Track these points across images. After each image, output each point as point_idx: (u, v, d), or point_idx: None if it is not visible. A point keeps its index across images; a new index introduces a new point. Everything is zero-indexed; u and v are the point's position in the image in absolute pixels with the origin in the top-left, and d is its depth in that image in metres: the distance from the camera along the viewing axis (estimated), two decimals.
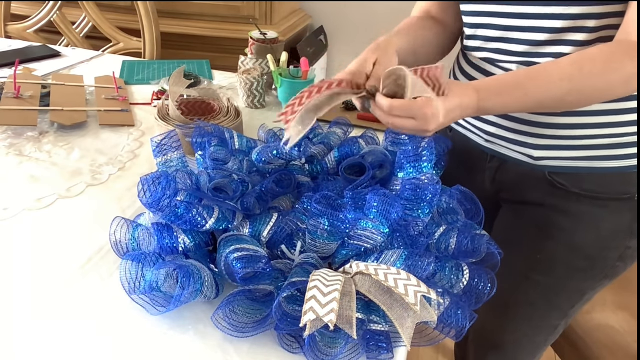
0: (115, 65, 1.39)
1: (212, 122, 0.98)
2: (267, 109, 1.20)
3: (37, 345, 0.57)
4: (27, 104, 1.06)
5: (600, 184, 0.75)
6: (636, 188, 0.74)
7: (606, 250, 0.79)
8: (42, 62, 1.37)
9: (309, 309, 0.52)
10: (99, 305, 0.63)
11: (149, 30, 1.71)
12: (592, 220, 0.77)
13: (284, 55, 1.18)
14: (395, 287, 0.55)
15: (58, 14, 1.74)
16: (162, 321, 0.61)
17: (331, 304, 0.52)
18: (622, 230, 0.77)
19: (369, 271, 0.57)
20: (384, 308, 0.55)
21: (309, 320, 0.51)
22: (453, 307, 0.59)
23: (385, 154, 0.81)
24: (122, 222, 0.70)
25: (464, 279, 0.63)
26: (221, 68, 1.42)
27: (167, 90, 1.11)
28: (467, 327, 0.58)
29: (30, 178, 0.87)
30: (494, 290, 0.64)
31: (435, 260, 0.63)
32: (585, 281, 0.83)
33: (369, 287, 0.57)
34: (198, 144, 0.80)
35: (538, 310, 0.87)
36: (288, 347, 0.57)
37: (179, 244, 0.64)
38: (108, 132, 1.04)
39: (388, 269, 0.58)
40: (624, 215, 0.76)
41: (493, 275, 0.65)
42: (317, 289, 0.54)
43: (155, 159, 0.77)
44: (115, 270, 0.68)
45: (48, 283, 0.66)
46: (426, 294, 0.54)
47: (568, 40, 0.67)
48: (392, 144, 0.84)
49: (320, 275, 0.57)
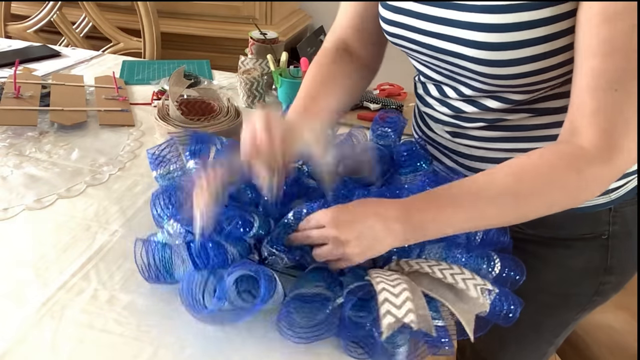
0: (115, 65, 1.39)
1: (212, 122, 0.98)
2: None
3: (37, 345, 0.57)
4: (27, 104, 1.06)
5: (557, 227, 0.72)
6: (600, 228, 0.72)
7: (578, 287, 0.77)
8: (42, 62, 1.37)
9: (386, 312, 0.51)
10: (99, 305, 0.63)
11: (149, 30, 1.71)
12: (557, 260, 0.75)
13: (284, 55, 1.18)
14: (455, 283, 0.55)
15: (58, 14, 1.74)
16: (162, 321, 0.61)
17: (406, 304, 0.52)
18: (593, 267, 0.75)
19: (425, 269, 0.58)
20: (447, 304, 0.55)
21: (389, 323, 0.51)
22: (502, 295, 0.59)
23: (380, 149, 0.81)
24: (148, 244, 0.64)
25: (496, 267, 0.63)
26: (221, 68, 1.42)
27: (167, 90, 1.11)
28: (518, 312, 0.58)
29: (30, 178, 0.87)
30: (523, 277, 0.64)
31: (467, 251, 0.63)
32: (562, 315, 0.81)
33: (428, 285, 0.57)
34: (193, 152, 0.76)
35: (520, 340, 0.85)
36: (353, 353, 0.57)
37: (227, 258, 0.61)
38: (108, 132, 1.04)
39: (438, 264, 0.58)
40: (592, 254, 0.74)
41: (521, 263, 0.65)
42: (386, 291, 0.53)
43: (152, 172, 0.75)
44: (115, 271, 0.68)
45: (48, 283, 0.65)
46: (483, 285, 0.55)
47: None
48: (380, 137, 0.84)
49: (380, 277, 0.56)
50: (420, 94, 0.78)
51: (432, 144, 0.79)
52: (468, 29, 0.59)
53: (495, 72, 0.60)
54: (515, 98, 0.64)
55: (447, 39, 0.62)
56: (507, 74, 0.59)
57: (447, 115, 0.72)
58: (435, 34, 0.63)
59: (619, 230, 0.72)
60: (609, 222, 0.72)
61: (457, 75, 0.66)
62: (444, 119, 0.73)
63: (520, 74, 0.59)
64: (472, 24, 0.59)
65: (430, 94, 0.74)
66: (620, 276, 0.77)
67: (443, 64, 0.66)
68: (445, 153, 0.77)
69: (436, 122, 0.75)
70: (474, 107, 0.68)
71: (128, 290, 0.65)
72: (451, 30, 0.61)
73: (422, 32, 0.65)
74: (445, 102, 0.71)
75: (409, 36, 0.67)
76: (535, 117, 0.65)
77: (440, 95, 0.72)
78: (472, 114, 0.68)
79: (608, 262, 0.74)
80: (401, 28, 0.68)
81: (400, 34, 0.69)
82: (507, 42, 0.57)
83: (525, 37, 0.56)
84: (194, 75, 1.25)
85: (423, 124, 0.80)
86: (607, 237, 0.73)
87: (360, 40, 0.79)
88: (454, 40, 0.61)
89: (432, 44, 0.65)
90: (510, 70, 0.59)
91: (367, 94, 1.21)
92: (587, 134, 0.55)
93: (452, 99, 0.70)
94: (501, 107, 0.65)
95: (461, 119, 0.70)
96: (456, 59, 0.63)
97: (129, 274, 0.67)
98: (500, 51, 0.58)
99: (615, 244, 0.73)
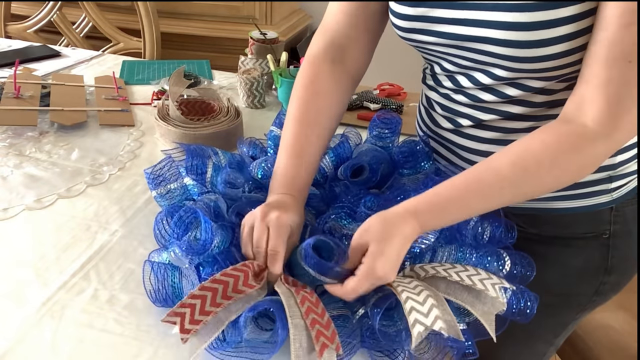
0: (115, 65, 1.39)
1: (212, 122, 0.98)
2: (267, 109, 1.20)
3: (37, 345, 0.57)
4: (27, 104, 1.06)
5: (559, 225, 0.73)
6: (601, 227, 0.72)
7: (578, 286, 0.77)
8: (42, 62, 1.37)
9: (415, 321, 0.51)
10: (99, 305, 0.63)
11: (149, 30, 1.71)
12: (557, 259, 0.75)
13: (284, 55, 1.18)
14: (473, 285, 0.55)
15: (58, 14, 1.74)
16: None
17: (433, 311, 0.52)
18: (594, 267, 0.74)
19: (441, 274, 0.57)
20: (467, 307, 0.55)
21: (419, 332, 0.51)
22: (518, 291, 0.59)
23: (379, 151, 0.81)
24: (157, 268, 0.62)
25: (506, 265, 0.64)
26: (221, 68, 1.42)
27: (167, 90, 1.11)
28: (535, 307, 0.59)
29: (30, 178, 0.87)
30: (534, 272, 0.64)
31: (476, 249, 0.63)
32: (562, 315, 0.81)
33: (445, 289, 0.57)
34: (191, 167, 0.74)
35: (520, 341, 0.84)
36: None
37: None
38: (108, 132, 1.04)
39: (453, 267, 0.58)
40: (593, 253, 0.74)
41: (531, 259, 0.65)
42: (411, 300, 0.53)
43: (151, 192, 0.74)
44: (115, 271, 0.68)
45: (48, 283, 0.65)
46: (500, 284, 0.55)
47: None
48: (377, 138, 0.83)
49: (401, 285, 0.56)
50: (431, 85, 0.77)
51: (438, 139, 0.78)
52: (496, 10, 0.59)
53: (522, 54, 0.59)
54: (535, 85, 0.63)
55: (473, 24, 0.61)
56: (534, 55, 0.59)
57: (463, 104, 0.71)
58: (460, 21, 0.63)
59: (620, 229, 0.72)
60: (610, 222, 0.72)
61: (478, 64, 0.65)
62: (459, 109, 0.72)
63: (547, 56, 0.59)
64: (499, 5, 0.58)
65: (443, 84, 0.73)
66: (620, 276, 0.76)
67: (465, 52, 0.65)
68: (451, 149, 0.76)
69: (449, 112, 0.74)
70: (492, 95, 0.67)
71: (128, 290, 0.65)
72: (477, 14, 0.61)
73: (442, 21, 0.64)
74: (462, 91, 0.71)
75: (429, 28, 0.66)
76: (551, 108, 0.65)
77: (454, 85, 0.71)
78: (490, 102, 0.68)
79: (609, 262, 0.74)
80: (420, 21, 0.67)
81: (419, 28, 0.67)
82: (536, 21, 0.57)
83: (553, 16, 0.56)
84: (194, 75, 1.25)
85: (429, 118, 0.79)
86: (608, 237, 0.73)
87: (357, 41, 0.77)
88: (479, 24, 0.61)
89: (456, 32, 0.64)
90: (538, 52, 0.58)
91: (367, 94, 1.21)
92: (593, 107, 0.56)
93: (468, 88, 0.69)
94: (520, 94, 0.65)
95: (478, 108, 0.70)
96: (482, 45, 0.62)
97: (128, 274, 0.68)
98: (528, 31, 0.57)
99: (616, 243, 0.73)
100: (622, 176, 0.70)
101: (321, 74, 0.75)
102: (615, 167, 0.68)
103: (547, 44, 0.57)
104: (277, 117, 0.86)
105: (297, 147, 0.70)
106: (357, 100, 1.18)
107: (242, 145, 0.87)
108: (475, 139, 0.72)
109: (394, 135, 0.84)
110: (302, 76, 0.75)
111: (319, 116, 0.73)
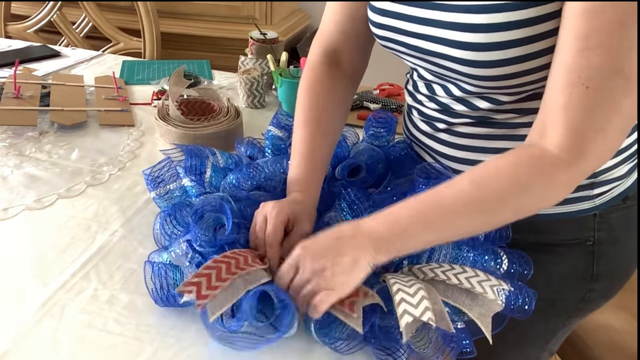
0: (115, 65, 1.39)
1: (212, 122, 0.98)
2: (267, 109, 1.20)
3: (37, 345, 0.57)
4: (27, 104, 1.06)
5: (542, 231, 0.71)
6: (585, 234, 0.71)
7: (563, 293, 0.75)
8: (42, 62, 1.37)
9: (404, 312, 0.51)
10: (99, 305, 0.63)
11: (149, 30, 1.71)
12: (542, 265, 0.73)
13: (284, 55, 1.18)
14: (472, 288, 0.55)
15: (58, 14, 1.74)
16: (161, 321, 0.61)
17: (422, 302, 0.51)
18: (578, 274, 0.73)
19: (440, 277, 0.57)
20: (464, 309, 0.55)
21: (407, 322, 0.51)
22: (516, 289, 0.59)
23: (375, 150, 0.81)
24: (158, 268, 0.63)
25: (504, 264, 0.64)
26: (221, 68, 1.42)
27: (167, 90, 1.11)
28: (533, 304, 0.59)
29: (30, 178, 0.87)
30: (531, 271, 0.64)
31: (473, 248, 0.63)
32: (550, 321, 0.80)
33: (444, 291, 0.57)
34: (190, 168, 0.75)
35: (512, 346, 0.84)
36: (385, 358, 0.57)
37: None
38: (108, 132, 1.04)
39: (452, 269, 0.58)
40: (577, 260, 0.73)
41: (527, 257, 0.65)
42: (402, 292, 0.53)
43: (150, 192, 0.75)
44: (115, 271, 0.68)
45: (48, 283, 0.65)
46: (498, 285, 0.55)
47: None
48: (374, 137, 0.84)
49: (394, 278, 0.56)
50: (410, 90, 0.78)
51: (417, 143, 0.79)
52: (452, 30, 0.59)
53: (481, 74, 0.59)
54: (503, 99, 0.63)
55: (432, 40, 0.62)
56: (492, 75, 0.59)
57: (435, 110, 0.71)
58: (421, 35, 0.63)
59: (604, 236, 0.71)
60: (594, 228, 0.70)
61: (446, 77, 0.66)
62: (432, 115, 0.72)
63: (505, 75, 0.58)
64: (456, 24, 0.58)
65: (420, 91, 0.74)
66: (608, 283, 0.75)
67: (431, 65, 0.66)
68: (430, 154, 0.76)
69: (424, 117, 0.75)
70: (463, 106, 0.67)
71: (128, 290, 0.65)
72: (436, 31, 0.61)
73: (408, 34, 0.65)
74: (434, 99, 0.71)
75: (396, 38, 0.67)
76: (522, 116, 0.65)
77: (430, 93, 0.72)
78: (460, 111, 0.68)
79: (594, 269, 0.73)
80: (388, 31, 0.68)
81: (388, 37, 0.68)
82: (491, 42, 0.56)
83: (509, 37, 0.55)
84: (194, 75, 1.25)
85: (410, 123, 0.79)
86: (593, 244, 0.71)
87: (349, 45, 0.79)
88: (439, 41, 0.61)
89: (418, 46, 0.64)
90: (495, 72, 0.58)
91: (367, 94, 1.21)
92: (554, 132, 0.54)
93: (442, 97, 0.70)
94: (490, 107, 0.65)
95: (449, 114, 0.70)
96: (442, 60, 0.62)
97: (128, 274, 0.68)
98: (484, 52, 0.57)
99: (602, 250, 0.71)
100: (605, 182, 0.68)
101: (320, 76, 0.78)
102: (597, 175, 0.67)
103: (502, 65, 0.57)
104: (274, 117, 0.86)
105: (304, 147, 0.73)
106: (357, 100, 1.18)
107: (239, 145, 0.88)
108: (449, 145, 0.72)
109: (390, 134, 0.84)
110: (303, 82, 0.79)
111: (322, 116, 0.76)
